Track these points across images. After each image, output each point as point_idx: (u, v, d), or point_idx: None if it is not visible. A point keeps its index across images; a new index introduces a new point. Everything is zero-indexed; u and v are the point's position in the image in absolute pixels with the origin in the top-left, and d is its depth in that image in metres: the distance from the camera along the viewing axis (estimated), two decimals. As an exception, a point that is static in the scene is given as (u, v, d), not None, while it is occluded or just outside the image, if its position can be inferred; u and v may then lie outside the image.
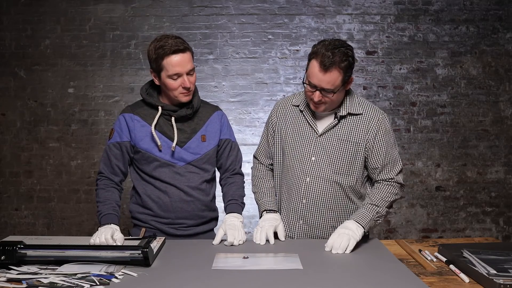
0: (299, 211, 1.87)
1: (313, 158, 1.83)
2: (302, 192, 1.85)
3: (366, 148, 1.81)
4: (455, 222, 3.81)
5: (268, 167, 2.03)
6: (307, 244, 1.77)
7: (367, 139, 1.81)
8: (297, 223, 1.88)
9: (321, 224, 1.86)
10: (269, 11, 3.74)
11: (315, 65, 1.69)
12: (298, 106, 1.91)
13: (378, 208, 1.77)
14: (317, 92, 1.72)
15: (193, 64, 1.82)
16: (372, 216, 1.75)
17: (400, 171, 1.85)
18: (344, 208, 1.85)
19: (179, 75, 1.77)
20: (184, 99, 1.83)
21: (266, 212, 1.88)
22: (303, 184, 1.84)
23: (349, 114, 1.82)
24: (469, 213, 3.82)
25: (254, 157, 2.08)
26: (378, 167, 1.82)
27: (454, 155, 3.80)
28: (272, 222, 1.82)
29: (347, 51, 1.70)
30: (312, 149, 1.84)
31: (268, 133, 1.99)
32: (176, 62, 1.76)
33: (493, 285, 1.29)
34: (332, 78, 1.69)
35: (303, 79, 1.77)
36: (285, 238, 1.82)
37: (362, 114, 1.82)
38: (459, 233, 3.81)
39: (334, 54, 1.67)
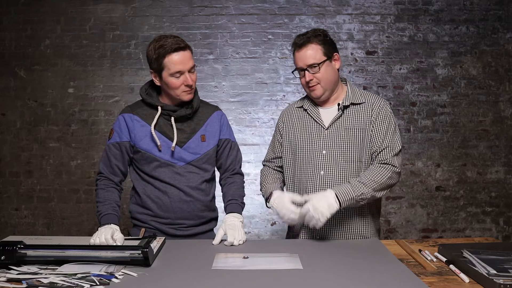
0: None
1: (324, 152, 1.86)
2: (317, 186, 1.85)
3: (370, 130, 1.84)
4: (455, 222, 3.81)
5: (275, 169, 2.06)
6: (307, 244, 1.77)
7: (370, 122, 1.84)
8: None
9: (338, 215, 1.83)
10: (269, 11, 3.74)
11: (294, 51, 1.86)
12: (302, 106, 1.96)
13: (364, 188, 1.72)
14: (306, 73, 1.83)
15: (194, 62, 1.83)
16: (355, 195, 1.71)
17: (397, 155, 1.82)
18: None
19: (181, 72, 1.78)
20: (187, 97, 1.83)
21: (274, 192, 1.86)
22: (318, 177, 1.85)
23: (352, 104, 1.87)
24: (469, 213, 3.82)
25: (263, 164, 2.12)
26: (377, 150, 1.82)
27: (454, 155, 3.80)
28: (283, 196, 1.80)
29: (320, 31, 1.85)
30: (321, 142, 1.87)
31: (276, 139, 2.04)
32: (177, 60, 1.76)
33: (493, 285, 1.28)
34: (311, 52, 1.81)
35: (293, 71, 1.91)
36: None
37: (364, 102, 1.87)
38: (459, 233, 3.81)
39: (305, 33, 1.85)
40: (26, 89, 3.75)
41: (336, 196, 1.70)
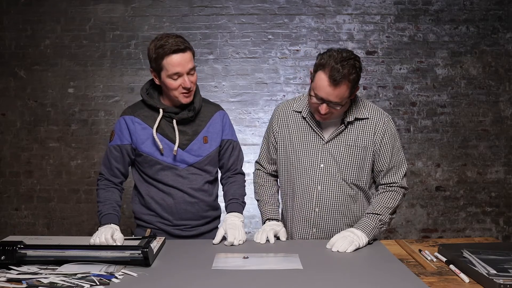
0: (312, 220, 1.85)
1: (321, 166, 1.81)
2: (314, 201, 1.83)
3: (374, 151, 1.80)
4: (455, 222, 3.81)
5: (270, 173, 2.01)
6: (307, 244, 1.77)
7: (374, 142, 1.80)
8: (311, 231, 1.86)
9: (336, 230, 1.84)
10: (269, 11, 3.74)
11: (323, 78, 1.63)
12: (300, 112, 1.87)
13: (381, 216, 1.76)
14: (324, 105, 1.67)
15: (194, 64, 1.79)
16: (375, 224, 1.75)
17: (405, 175, 1.85)
18: (357, 212, 1.85)
19: (179, 74, 1.74)
20: (184, 100, 1.80)
21: (269, 221, 1.89)
22: (315, 192, 1.82)
23: (356, 119, 1.80)
24: (469, 213, 3.82)
25: (257, 162, 2.06)
26: (383, 170, 1.81)
27: (454, 155, 3.80)
28: (273, 227, 1.83)
29: (355, 62, 1.65)
30: (319, 156, 1.82)
31: (269, 140, 1.96)
32: (176, 62, 1.72)
33: (493, 285, 1.28)
34: (340, 92, 1.64)
35: (309, 90, 1.72)
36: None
37: (368, 118, 1.80)
38: (459, 233, 3.81)
39: (343, 67, 1.61)
40: (26, 89, 3.75)
41: (362, 230, 1.73)
